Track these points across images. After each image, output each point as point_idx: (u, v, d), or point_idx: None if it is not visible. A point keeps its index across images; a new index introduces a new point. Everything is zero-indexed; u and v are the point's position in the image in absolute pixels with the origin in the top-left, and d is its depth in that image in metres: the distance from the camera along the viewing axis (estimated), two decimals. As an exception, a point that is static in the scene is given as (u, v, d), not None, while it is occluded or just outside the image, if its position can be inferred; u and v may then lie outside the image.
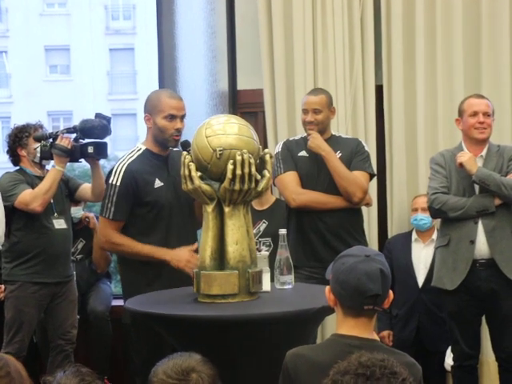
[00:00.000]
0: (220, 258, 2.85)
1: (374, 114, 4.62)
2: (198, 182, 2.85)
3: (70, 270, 4.19)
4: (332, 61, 4.58)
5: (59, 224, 4.10)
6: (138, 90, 22.33)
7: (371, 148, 4.42)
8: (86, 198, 4.31)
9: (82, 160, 4.06)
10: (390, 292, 2.20)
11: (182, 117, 3.41)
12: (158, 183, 3.39)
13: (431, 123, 4.55)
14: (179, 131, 3.39)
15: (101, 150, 3.99)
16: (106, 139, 4.01)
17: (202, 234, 2.91)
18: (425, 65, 4.55)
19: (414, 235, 4.41)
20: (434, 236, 4.33)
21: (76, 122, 4.05)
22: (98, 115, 3.93)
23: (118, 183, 3.35)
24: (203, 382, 1.97)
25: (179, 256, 3.29)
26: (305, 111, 3.95)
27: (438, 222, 4.36)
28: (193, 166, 2.86)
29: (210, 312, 2.71)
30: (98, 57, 22.57)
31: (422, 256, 4.31)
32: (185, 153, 2.93)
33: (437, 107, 4.55)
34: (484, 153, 3.80)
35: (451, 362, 3.99)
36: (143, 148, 3.47)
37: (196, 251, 3.23)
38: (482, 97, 3.90)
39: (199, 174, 2.87)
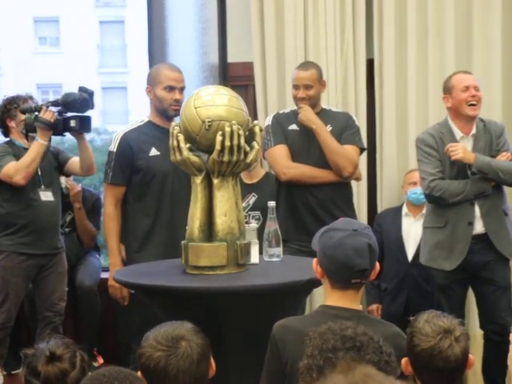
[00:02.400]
0: (208, 230, 2.85)
1: (364, 88, 4.60)
2: (186, 153, 2.84)
3: (58, 243, 4.18)
4: (323, 34, 4.55)
5: (46, 196, 4.08)
6: (129, 63, 22.23)
7: (361, 122, 4.40)
8: (75, 171, 4.28)
9: (67, 134, 4.04)
10: (377, 264, 2.21)
11: (181, 89, 3.61)
12: (153, 152, 3.57)
13: (422, 98, 4.53)
14: (178, 102, 3.55)
15: (84, 124, 3.97)
16: (91, 113, 3.98)
17: (190, 205, 2.90)
18: (416, 39, 4.52)
19: (405, 209, 4.41)
20: (424, 210, 4.35)
21: (64, 95, 4.03)
22: (80, 88, 3.92)
23: (115, 150, 3.58)
24: (191, 351, 1.98)
25: (112, 282, 3.47)
26: (296, 87, 3.92)
27: None
28: (181, 137, 2.84)
29: (198, 283, 2.71)
30: (88, 29, 22.39)
31: (412, 230, 4.32)
32: (173, 123, 2.92)
33: (428, 82, 4.52)
34: (474, 131, 3.77)
35: None
36: (146, 120, 3.68)
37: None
38: (468, 72, 3.88)
39: (188, 145, 2.86)
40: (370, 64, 4.61)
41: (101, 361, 4.53)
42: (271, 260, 3.08)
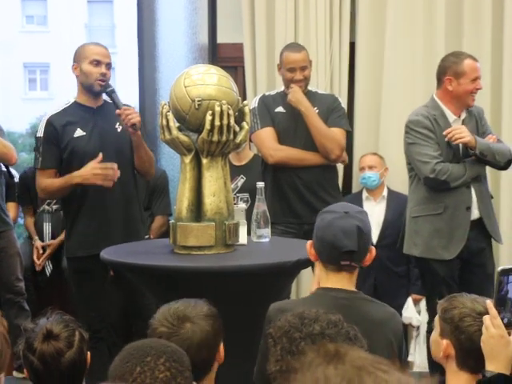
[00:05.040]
0: (197, 210, 2.85)
1: (346, 71, 4.59)
2: (175, 132, 2.83)
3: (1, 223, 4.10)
4: (313, 16, 4.53)
5: None
6: (117, 43, 22.06)
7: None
8: None
9: None
10: (372, 249, 2.21)
11: (108, 65, 3.55)
12: (78, 132, 3.52)
13: (398, 83, 4.54)
14: (104, 76, 3.51)
15: None
16: None
17: (179, 185, 2.89)
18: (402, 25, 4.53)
19: (365, 193, 4.42)
20: (385, 193, 4.38)
21: (53, 74, 3.97)
22: None
23: (42, 134, 3.52)
24: (192, 335, 1.97)
25: (85, 172, 3.41)
26: (292, 69, 3.87)
27: (387, 178, 4.41)
28: (171, 116, 2.83)
29: (186, 263, 2.71)
30: (76, 8, 22.20)
31: (374, 214, 4.28)
32: (163, 102, 2.90)
33: (409, 67, 4.53)
34: (465, 114, 3.72)
35: (408, 315, 4.16)
36: (72, 101, 3.61)
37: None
38: (476, 59, 3.70)
39: (177, 124, 2.84)
40: (353, 47, 4.62)
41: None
42: (259, 241, 3.08)
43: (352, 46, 4.61)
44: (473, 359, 1.98)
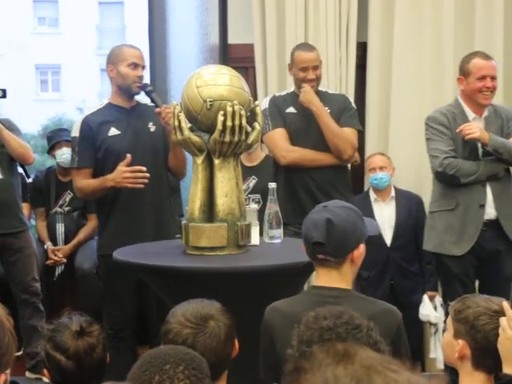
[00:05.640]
0: (209, 211, 2.85)
1: (354, 72, 4.58)
2: (187, 132, 2.83)
3: (15, 222, 4.10)
4: (323, 17, 4.53)
5: None
6: (128, 44, 22.09)
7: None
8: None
9: None
10: (360, 246, 2.19)
11: (143, 67, 3.64)
12: (113, 131, 3.57)
13: (408, 81, 4.53)
14: (141, 79, 3.60)
15: None
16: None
17: (191, 186, 2.89)
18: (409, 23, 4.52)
19: (373, 195, 4.38)
20: (393, 193, 4.36)
21: (64, 75, 3.99)
22: None
23: (78, 134, 3.58)
24: (219, 331, 2.01)
25: (116, 176, 3.45)
26: (304, 69, 3.85)
27: (395, 179, 4.39)
28: (182, 117, 2.83)
29: (198, 264, 2.70)
30: (87, 10, 22.27)
31: (385, 215, 4.29)
32: (175, 103, 2.90)
33: (417, 66, 4.53)
34: (486, 114, 3.72)
35: (426, 312, 4.16)
36: (106, 102, 3.68)
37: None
38: (488, 57, 3.72)
39: (189, 125, 2.84)
40: (362, 47, 4.61)
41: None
42: (271, 242, 3.07)
43: (360, 45, 4.59)
44: (490, 358, 1.96)
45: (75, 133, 3.59)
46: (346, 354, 1.05)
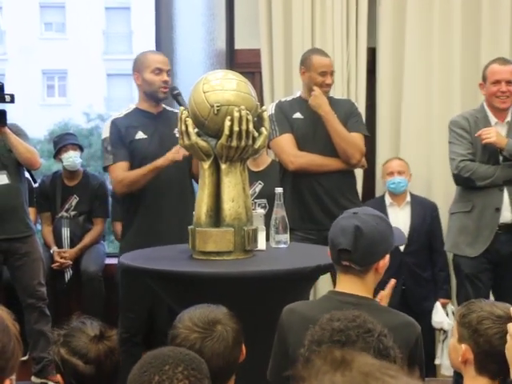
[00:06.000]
0: (216, 215, 2.84)
1: (364, 77, 4.58)
2: (194, 137, 2.83)
3: (22, 227, 4.10)
4: (330, 22, 4.53)
5: (0, 180, 4.02)
6: (134, 50, 22.13)
7: (361, 110, 4.45)
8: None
9: None
10: (386, 256, 2.17)
11: (168, 72, 3.68)
12: (140, 135, 3.63)
13: (419, 88, 4.54)
14: (166, 83, 3.64)
15: None
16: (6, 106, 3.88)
17: (198, 190, 2.90)
18: (419, 29, 4.52)
19: (388, 199, 4.39)
20: (408, 198, 4.37)
21: (71, 80, 3.99)
22: None
23: (108, 134, 3.64)
24: (227, 335, 2.01)
25: (169, 153, 3.52)
26: (324, 73, 3.86)
27: (411, 184, 4.40)
28: (190, 122, 2.83)
29: (205, 269, 2.70)
30: (94, 15, 22.33)
31: (399, 220, 4.28)
32: (182, 108, 2.91)
33: (428, 73, 4.52)
34: (509, 118, 3.76)
35: (439, 319, 4.15)
36: (133, 107, 3.74)
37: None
38: (506, 62, 3.77)
39: (196, 130, 2.85)
40: (371, 52, 4.61)
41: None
42: (278, 246, 3.07)
43: (369, 51, 4.59)
44: (494, 363, 1.96)
45: (105, 134, 3.66)
46: (344, 361, 1.05)
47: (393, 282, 2.48)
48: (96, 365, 1.97)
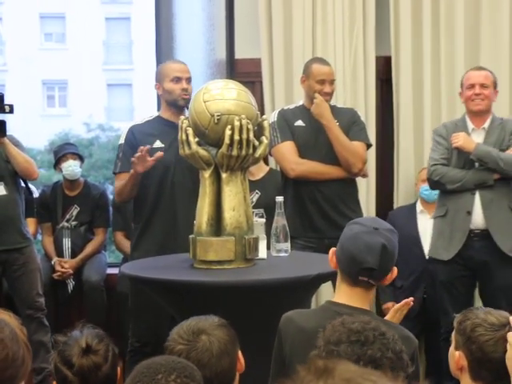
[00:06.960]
0: (217, 224, 2.85)
1: (374, 85, 4.59)
2: (195, 146, 2.84)
3: (19, 238, 4.09)
4: (331, 31, 4.54)
5: None
6: (134, 60, 22.22)
7: (371, 119, 4.45)
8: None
9: None
10: (394, 269, 2.17)
11: (188, 79, 3.68)
12: (157, 144, 3.62)
13: (436, 95, 4.55)
14: (186, 91, 3.65)
15: None
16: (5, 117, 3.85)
17: (198, 199, 2.90)
18: (431, 37, 4.53)
19: (420, 207, 4.41)
20: None
21: (71, 91, 3.99)
22: None
23: (123, 141, 3.69)
24: (211, 346, 1.96)
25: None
26: (322, 82, 3.86)
27: None
28: (190, 131, 2.84)
29: (206, 278, 2.70)
30: (94, 26, 22.39)
31: (428, 227, 4.27)
32: (182, 117, 2.92)
33: (441, 79, 4.54)
34: (486, 125, 3.83)
35: None
36: (155, 115, 3.76)
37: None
38: (481, 68, 3.92)
39: (197, 139, 2.86)
40: (383, 61, 4.63)
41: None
42: (279, 255, 3.07)
43: (378, 59, 4.59)
44: (486, 370, 1.96)
45: (121, 140, 3.71)
46: (327, 370, 1.05)
47: (410, 300, 2.49)
48: (80, 378, 1.96)
